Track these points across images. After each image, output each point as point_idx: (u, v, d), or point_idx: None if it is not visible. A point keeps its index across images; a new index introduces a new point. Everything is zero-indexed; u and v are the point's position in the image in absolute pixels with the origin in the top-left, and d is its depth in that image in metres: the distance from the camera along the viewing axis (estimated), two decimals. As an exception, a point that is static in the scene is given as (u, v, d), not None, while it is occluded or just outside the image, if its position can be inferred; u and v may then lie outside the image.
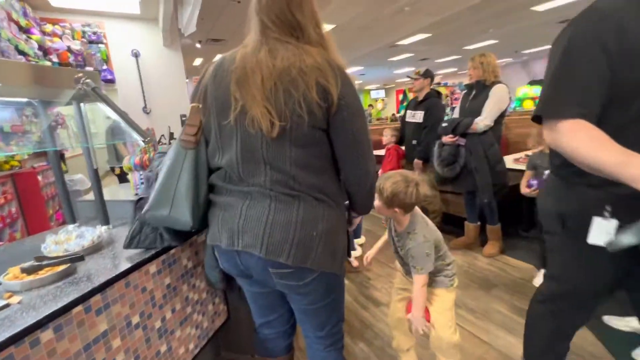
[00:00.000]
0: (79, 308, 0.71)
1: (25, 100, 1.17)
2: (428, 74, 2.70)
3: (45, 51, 3.95)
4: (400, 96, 18.03)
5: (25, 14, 3.56)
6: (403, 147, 2.94)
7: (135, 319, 0.87)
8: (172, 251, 1.03)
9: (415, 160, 2.69)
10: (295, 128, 0.71)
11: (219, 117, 0.76)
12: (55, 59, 4.04)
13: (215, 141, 0.79)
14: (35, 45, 3.62)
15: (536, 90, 9.14)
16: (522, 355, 1.18)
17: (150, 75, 4.66)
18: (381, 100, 14.44)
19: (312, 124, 0.71)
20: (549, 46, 0.88)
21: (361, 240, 2.44)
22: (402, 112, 3.16)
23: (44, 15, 4.03)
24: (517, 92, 9.68)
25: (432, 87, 2.73)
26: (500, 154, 2.20)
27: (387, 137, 2.93)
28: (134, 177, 1.43)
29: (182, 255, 1.08)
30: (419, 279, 1.09)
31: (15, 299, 0.70)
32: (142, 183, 1.44)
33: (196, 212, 0.81)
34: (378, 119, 11.31)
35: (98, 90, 1.08)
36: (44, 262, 0.81)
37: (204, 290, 1.19)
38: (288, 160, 0.73)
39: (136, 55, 4.58)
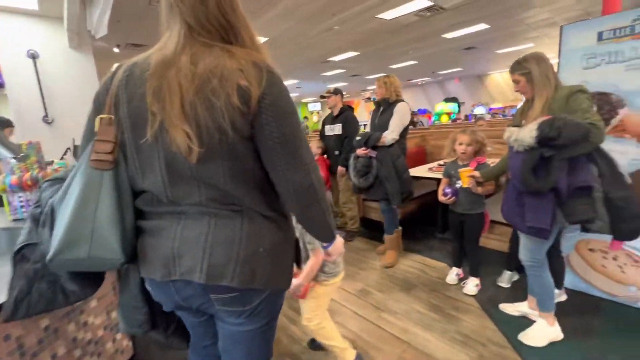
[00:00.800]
0: None
1: None
2: (338, 91, 2.99)
3: None
4: (336, 109, 18.85)
5: None
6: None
7: (-7, 376, 0.72)
8: (52, 286, 0.88)
9: (339, 168, 2.91)
10: (223, 142, 0.62)
11: (134, 133, 0.65)
12: None
13: (133, 162, 0.67)
14: None
15: (450, 107, 10.40)
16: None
17: (52, 80, 4.07)
18: (317, 112, 14.87)
19: (238, 135, 0.62)
20: (459, 68, 1.17)
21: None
22: (320, 128, 3.36)
23: None
24: (435, 108, 10.89)
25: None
26: (406, 165, 2.46)
27: (314, 149, 3.04)
28: (11, 199, 1.21)
29: (67, 290, 0.93)
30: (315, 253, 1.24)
31: None
32: (21, 207, 1.22)
33: (126, 243, 0.67)
34: (314, 131, 11.65)
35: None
36: None
37: (99, 327, 1.04)
38: (222, 176, 0.64)
39: (33, 56, 3.96)
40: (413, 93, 15.02)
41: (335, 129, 3.02)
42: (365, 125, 10.76)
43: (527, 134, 1.26)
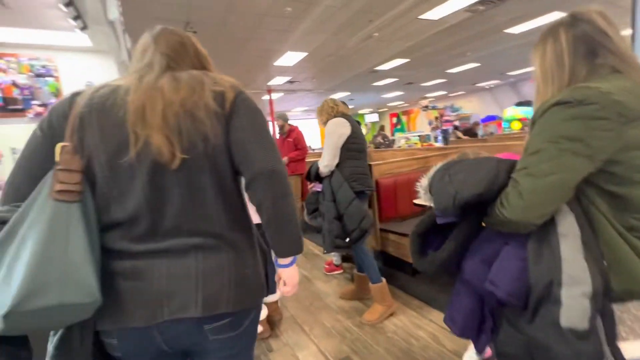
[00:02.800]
0: None
1: None
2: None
3: (-12, 86, 3.83)
4: (394, 119, 18.02)
5: (-39, 50, 3.46)
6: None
7: None
8: None
9: None
10: (205, 151, 0.67)
11: (109, 159, 0.64)
12: (-2, 94, 3.92)
13: (108, 188, 0.65)
14: (-29, 81, 3.49)
15: (523, 112, 8.94)
16: None
17: (104, 107, 4.53)
18: (364, 125, 14.28)
19: (217, 140, 0.67)
20: (534, 67, 0.78)
21: (275, 296, 2.08)
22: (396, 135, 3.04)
23: (-11, 50, 3.95)
24: (504, 114, 9.48)
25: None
26: (351, 194, 1.90)
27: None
28: None
29: None
30: None
31: None
32: None
33: (100, 284, 0.61)
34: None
35: None
36: None
37: None
38: (204, 197, 0.68)
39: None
40: (480, 98, 13.49)
41: None
42: (420, 135, 9.88)
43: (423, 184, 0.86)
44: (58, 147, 0.63)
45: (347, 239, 1.85)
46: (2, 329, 0.53)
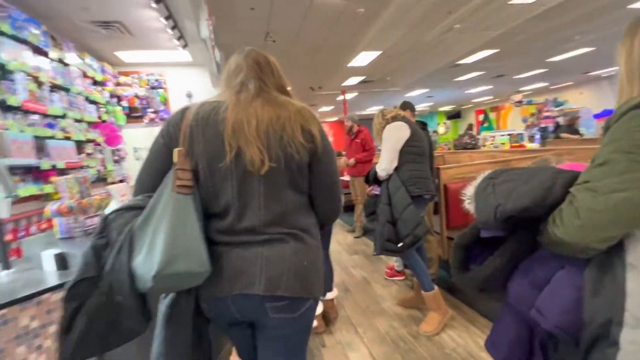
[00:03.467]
0: None
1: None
2: (405, 107, 2.39)
3: (119, 98, 4.82)
4: (481, 116, 16.34)
5: (102, 71, 4.42)
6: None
7: None
8: (3, 311, 1.02)
9: None
10: (286, 167, 0.82)
11: (210, 163, 0.80)
12: (125, 104, 4.89)
13: (207, 186, 0.81)
14: (107, 95, 4.44)
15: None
16: None
17: (199, 112, 5.23)
18: (443, 123, 13.10)
19: (298, 163, 0.83)
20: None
21: (332, 294, 2.13)
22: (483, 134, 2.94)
23: (121, 69, 4.95)
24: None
25: (450, 115, 2.44)
26: (408, 199, 1.83)
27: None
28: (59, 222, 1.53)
29: (21, 315, 1.06)
30: None
31: None
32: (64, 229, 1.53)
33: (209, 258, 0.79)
34: (444, 143, 10.28)
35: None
36: None
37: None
38: (282, 195, 0.83)
39: (189, 96, 5.21)
40: (595, 89, 11.25)
41: None
42: (510, 135, 8.77)
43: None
44: (175, 151, 0.80)
45: (400, 244, 1.80)
46: (150, 287, 0.72)
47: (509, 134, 8.68)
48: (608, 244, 0.56)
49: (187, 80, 5.23)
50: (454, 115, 17.31)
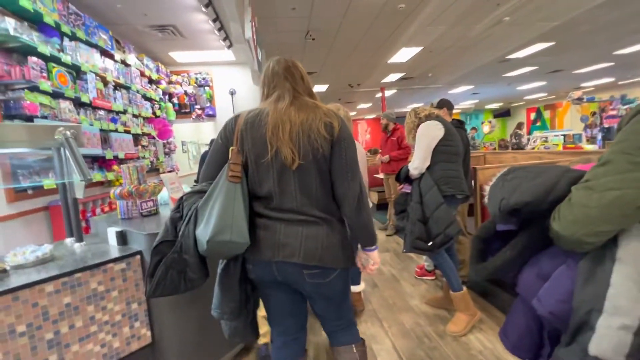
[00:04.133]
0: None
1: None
2: (442, 105, 2.32)
3: (170, 95, 5.24)
4: (533, 115, 15.18)
5: (157, 70, 4.84)
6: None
7: (21, 328, 1.09)
8: (77, 275, 1.22)
9: None
10: (314, 158, 1.00)
11: (256, 159, 1.02)
12: (176, 101, 5.30)
13: (254, 176, 1.04)
14: (161, 92, 4.86)
15: None
16: None
17: (241, 109, 5.48)
18: (487, 122, 12.30)
19: (323, 154, 1.01)
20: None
21: (358, 287, 2.18)
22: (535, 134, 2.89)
23: (173, 69, 5.36)
24: None
25: (498, 113, 2.34)
26: (440, 198, 1.81)
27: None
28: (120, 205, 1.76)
29: (91, 280, 1.27)
30: None
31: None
32: (124, 210, 1.75)
33: (249, 233, 1.01)
34: (489, 143, 9.72)
35: (70, 140, 1.42)
36: (-21, 270, 1.12)
37: (118, 313, 1.34)
38: (313, 184, 1.02)
39: (232, 93, 5.51)
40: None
41: None
42: (565, 135, 8.08)
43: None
44: (231, 149, 1.03)
45: (430, 243, 1.80)
46: (205, 250, 0.96)
47: (563, 135, 8.01)
48: (600, 239, 0.58)
49: (230, 78, 5.53)
50: (502, 114, 16.26)
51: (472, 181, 2.48)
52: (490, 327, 1.94)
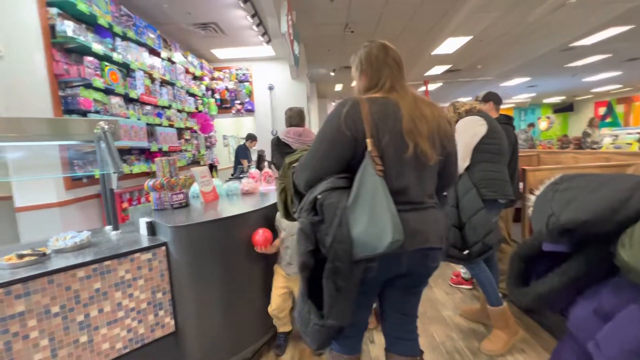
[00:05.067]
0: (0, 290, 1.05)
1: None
2: (489, 98, 2.07)
3: (213, 91, 5.45)
4: (602, 109, 13.49)
5: (201, 67, 5.05)
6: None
7: (55, 309, 1.17)
8: (107, 262, 1.29)
9: None
10: (441, 155, 1.04)
11: (396, 150, 0.97)
12: (218, 96, 5.51)
13: (391, 171, 0.96)
14: (204, 88, 5.07)
15: None
16: None
17: (279, 103, 5.58)
18: (545, 118, 11.07)
19: (447, 150, 1.07)
20: None
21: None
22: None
23: (215, 65, 5.57)
24: None
25: (558, 108, 2.11)
26: (479, 203, 1.61)
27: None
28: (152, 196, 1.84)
29: (120, 267, 1.33)
30: None
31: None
32: (157, 201, 1.83)
33: None
34: (547, 141, 8.79)
35: (107, 134, 1.50)
36: (24, 253, 1.23)
37: (143, 301, 1.40)
38: (433, 179, 1.07)
39: (270, 88, 5.59)
40: None
41: None
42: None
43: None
44: (368, 141, 0.95)
45: (466, 252, 1.63)
46: (380, 252, 0.87)
47: (639, 132, 7.01)
48: None
49: (269, 73, 5.60)
50: (564, 108, 14.65)
51: (520, 184, 2.23)
52: (534, 349, 1.73)
